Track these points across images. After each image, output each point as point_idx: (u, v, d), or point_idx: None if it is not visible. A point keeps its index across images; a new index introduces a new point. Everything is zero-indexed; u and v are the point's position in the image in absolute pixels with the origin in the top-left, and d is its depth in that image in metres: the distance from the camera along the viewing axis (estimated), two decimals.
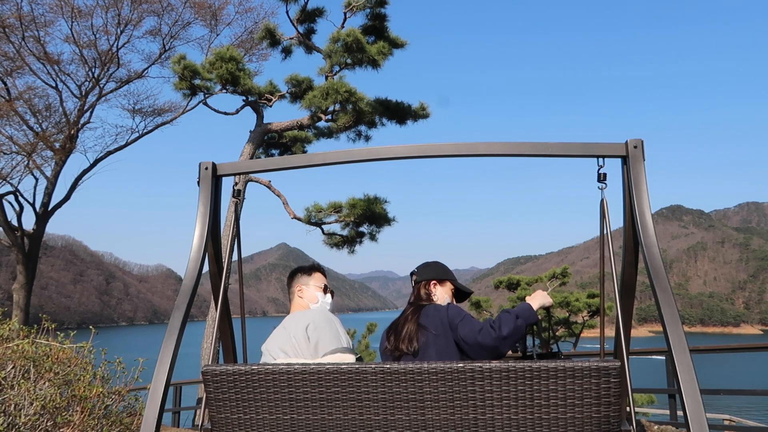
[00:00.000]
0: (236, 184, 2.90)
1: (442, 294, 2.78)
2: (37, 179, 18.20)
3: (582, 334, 22.04)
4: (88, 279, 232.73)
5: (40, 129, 18.31)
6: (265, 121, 13.47)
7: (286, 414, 1.93)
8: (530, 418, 1.79)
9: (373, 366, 1.88)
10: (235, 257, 3.02)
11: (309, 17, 13.07)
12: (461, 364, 1.81)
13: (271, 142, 14.86)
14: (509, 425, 1.82)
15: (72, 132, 18.19)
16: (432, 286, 2.78)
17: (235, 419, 1.97)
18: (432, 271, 2.83)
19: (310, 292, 2.79)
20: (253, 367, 1.93)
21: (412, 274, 2.88)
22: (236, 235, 2.89)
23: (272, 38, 13.16)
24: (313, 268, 2.87)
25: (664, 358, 7.39)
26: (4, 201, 17.20)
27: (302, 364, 1.93)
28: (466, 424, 1.85)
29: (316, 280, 2.82)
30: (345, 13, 12.48)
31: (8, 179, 17.59)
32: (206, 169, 2.68)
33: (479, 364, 1.80)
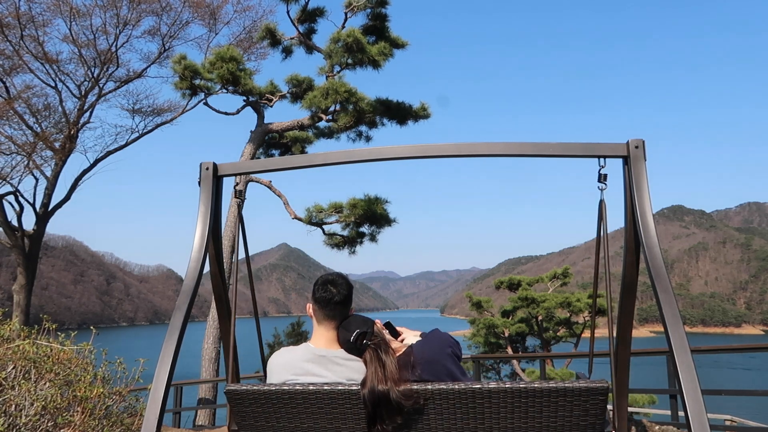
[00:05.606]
0: (237, 184, 2.89)
1: None
2: (37, 179, 18.16)
3: (583, 335, 22.01)
4: (88, 279, 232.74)
5: (39, 129, 18.25)
6: (265, 122, 13.46)
7: (303, 423, 2.10)
8: (524, 427, 1.99)
9: None
10: (242, 255, 3.01)
11: (309, 17, 13.07)
12: (463, 386, 1.96)
13: (271, 143, 14.85)
14: None
15: (72, 132, 18.14)
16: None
17: (260, 426, 2.15)
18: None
19: None
20: (272, 389, 2.08)
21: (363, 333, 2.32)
22: (242, 235, 2.88)
23: (273, 38, 13.16)
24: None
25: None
26: (4, 201, 17.15)
27: (316, 385, 2.06)
28: None
29: None
30: (346, 13, 12.47)
31: (8, 179, 17.54)
32: (207, 169, 2.67)
33: (479, 386, 1.96)
